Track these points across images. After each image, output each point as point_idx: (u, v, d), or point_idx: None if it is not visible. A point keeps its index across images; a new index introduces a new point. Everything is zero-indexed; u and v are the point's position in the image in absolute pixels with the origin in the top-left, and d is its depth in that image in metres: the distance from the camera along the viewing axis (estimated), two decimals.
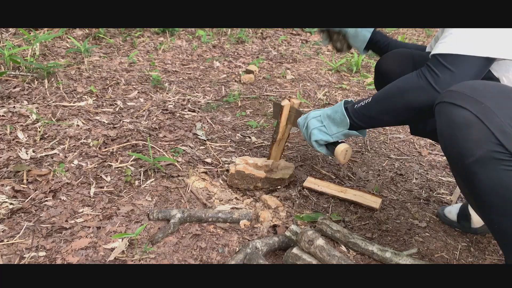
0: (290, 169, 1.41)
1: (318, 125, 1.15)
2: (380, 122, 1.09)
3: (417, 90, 0.96)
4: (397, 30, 3.66)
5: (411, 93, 0.98)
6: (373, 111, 1.06)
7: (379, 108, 1.05)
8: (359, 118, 1.08)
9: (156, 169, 1.41)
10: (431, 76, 0.94)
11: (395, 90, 1.02)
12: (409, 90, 0.98)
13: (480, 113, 0.79)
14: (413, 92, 0.97)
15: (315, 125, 1.15)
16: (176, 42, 2.82)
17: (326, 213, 1.30)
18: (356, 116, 1.08)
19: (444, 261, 1.15)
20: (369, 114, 1.06)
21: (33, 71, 2.05)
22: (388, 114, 1.04)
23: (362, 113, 1.07)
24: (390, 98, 1.03)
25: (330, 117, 1.13)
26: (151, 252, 1.07)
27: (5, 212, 1.15)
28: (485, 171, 0.80)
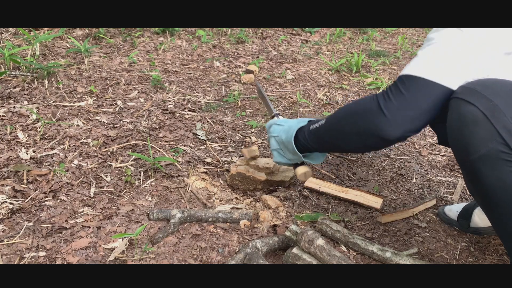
0: (291, 172, 1.41)
1: (276, 146, 1.14)
2: (334, 147, 1.02)
3: (366, 112, 0.89)
4: (397, 30, 3.66)
5: (360, 116, 0.90)
6: (325, 135, 0.99)
7: (331, 131, 0.98)
8: (313, 141, 1.02)
9: (156, 169, 1.41)
10: (383, 99, 0.86)
11: (347, 111, 0.95)
12: (359, 112, 0.91)
13: (488, 110, 0.78)
14: (362, 114, 0.89)
15: (274, 146, 1.14)
16: (176, 42, 2.82)
17: (326, 213, 1.30)
18: (311, 138, 1.03)
19: (444, 261, 1.15)
20: (322, 138, 1.00)
21: (33, 71, 2.05)
22: (339, 138, 0.97)
23: (315, 135, 1.01)
24: (340, 121, 0.96)
25: (284, 144, 1.10)
26: (151, 252, 1.07)
27: (5, 212, 1.15)
28: (489, 169, 0.80)
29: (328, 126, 0.99)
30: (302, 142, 1.06)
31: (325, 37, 3.30)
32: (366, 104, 0.89)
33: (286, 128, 1.10)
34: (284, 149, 1.11)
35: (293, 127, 1.08)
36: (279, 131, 1.12)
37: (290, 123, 1.12)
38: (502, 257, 1.17)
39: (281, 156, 1.14)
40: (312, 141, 1.03)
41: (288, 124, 1.12)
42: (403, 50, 3.13)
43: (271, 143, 1.16)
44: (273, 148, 1.15)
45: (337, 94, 2.26)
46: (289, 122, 1.13)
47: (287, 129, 1.10)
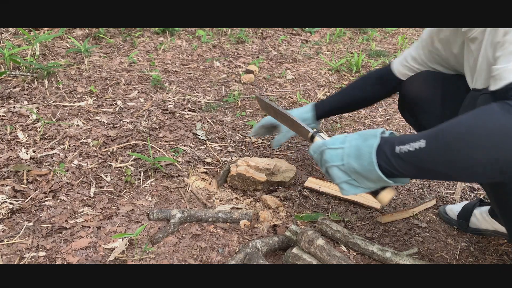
0: (292, 172, 1.41)
1: (345, 178, 0.89)
2: (438, 175, 0.77)
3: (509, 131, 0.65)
4: (397, 30, 3.66)
5: (500, 137, 0.66)
6: (429, 162, 0.75)
7: (441, 159, 0.73)
8: (405, 168, 0.79)
9: (156, 169, 1.41)
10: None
11: (468, 131, 0.69)
12: (494, 133, 0.67)
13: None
14: (504, 136, 0.66)
15: (341, 177, 0.90)
16: (176, 42, 2.82)
17: (326, 213, 1.30)
18: (400, 165, 0.79)
19: (444, 261, 1.15)
20: (421, 165, 0.76)
21: (33, 71, 2.05)
22: (457, 168, 0.72)
23: (409, 162, 0.77)
24: (459, 145, 0.70)
25: (360, 174, 0.86)
26: (151, 252, 1.07)
27: (5, 212, 1.15)
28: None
29: (435, 152, 0.73)
30: (385, 167, 0.82)
31: (325, 37, 3.30)
32: (500, 120, 0.67)
33: (353, 153, 0.86)
34: (359, 179, 0.87)
35: (364, 149, 0.84)
36: (341, 158, 0.89)
37: (353, 143, 0.88)
38: (502, 257, 1.17)
39: (355, 187, 0.89)
40: (402, 169, 0.79)
41: (350, 145, 0.88)
42: (403, 50, 3.13)
43: (333, 174, 0.91)
44: (340, 180, 0.90)
45: None
46: (348, 141, 0.89)
47: (355, 154, 0.86)
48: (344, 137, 0.91)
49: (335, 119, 1.97)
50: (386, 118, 2.05)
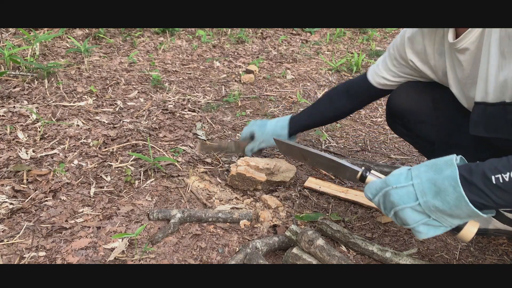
0: (291, 172, 1.41)
1: (422, 219, 0.78)
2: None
3: None
4: (397, 30, 3.66)
5: None
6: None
7: None
8: (506, 199, 0.70)
9: (156, 169, 1.41)
10: None
11: None
12: None
13: None
14: None
15: (418, 219, 0.78)
16: (176, 42, 2.82)
17: (326, 213, 1.30)
18: (500, 196, 0.70)
19: (444, 261, 1.15)
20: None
21: (33, 71, 2.05)
22: None
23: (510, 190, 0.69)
24: None
25: (443, 211, 0.76)
26: (151, 252, 1.07)
27: (5, 212, 1.15)
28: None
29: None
30: (478, 201, 0.73)
31: (325, 37, 3.30)
32: None
33: (429, 188, 0.76)
34: (442, 217, 0.77)
35: (444, 183, 0.74)
36: (414, 197, 0.78)
37: (423, 177, 0.77)
38: (502, 257, 1.17)
39: (435, 228, 0.79)
40: (502, 199, 0.71)
41: (422, 181, 0.77)
42: None
43: (407, 217, 0.79)
44: (416, 223, 0.79)
45: None
46: (417, 176, 0.78)
47: (433, 190, 0.75)
48: (408, 172, 0.80)
49: None
50: None
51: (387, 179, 0.82)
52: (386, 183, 0.81)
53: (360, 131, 1.89)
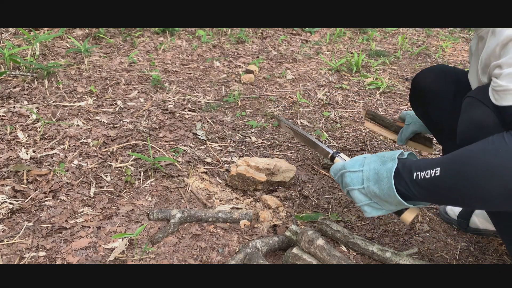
0: (291, 172, 1.41)
1: (366, 201, 0.90)
2: (454, 202, 0.80)
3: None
4: (397, 30, 3.66)
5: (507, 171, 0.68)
6: (443, 190, 0.76)
7: (454, 187, 0.74)
8: (423, 194, 0.81)
9: (156, 169, 1.41)
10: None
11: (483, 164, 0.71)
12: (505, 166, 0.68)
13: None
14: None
15: (362, 200, 0.91)
16: (176, 42, 2.82)
17: (326, 213, 1.30)
18: (418, 191, 0.80)
19: (444, 261, 1.15)
20: (437, 192, 0.78)
21: (33, 71, 2.05)
22: (468, 196, 0.73)
23: (426, 188, 0.79)
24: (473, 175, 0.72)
25: (379, 197, 0.87)
26: (151, 252, 1.07)
27: (5, 212, 1.15)
28: None
29: (449, 181, 0.74)
30: (404, 192, 0.83)
31: (325, 37, 3.30)
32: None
33: (372, 176, 0.87)
34: (380, 202, 0.88)
35: (383, 174, 0.85)
36: (361, 181, 0.90)
37: (371, 166, 0.88)
38: (502, 257, 1.17)
39: (376, 209, 0.91)
40: (420, 194, 0.81)
41: (369, 169, 0.88)
42: (403, 50, 3.13)
43: (354, 197, 0.92)
44: (361, 203, 0.91)
45: (337, 94, 2.26)
46: (367, 164, 0.90)
47: (375, 178, 0.86)
48: (363, 159, 0.91)
49: (335, 119, 1.96)
50: None
51: (346, 163, 0.94)
52: (344, 166, 0.93)
53: (360, 131, 1.89)
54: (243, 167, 1.35)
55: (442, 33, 3.67)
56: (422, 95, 1.22)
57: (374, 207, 0.90)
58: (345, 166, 0.93)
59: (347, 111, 2.07)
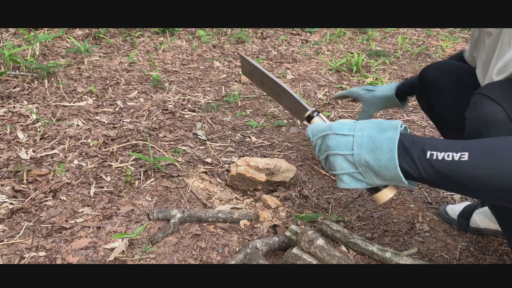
0: (291, 172, 1.41)
1: (349, 169, 0.78)
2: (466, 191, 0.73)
3: None
4: (397, 30, 3.66)
5: None
6: (467, 178, 0.68)
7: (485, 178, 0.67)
8: (432, 176, 0.71)
9: (156, 169, 1.41)
10: None
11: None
12: None
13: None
14: None
15: (345, 169, 0.78)
16: (176, 42, 2.82)
17: (326, 213, 1.30)
18: (428, 171, 0.71)
19: (444, 261, 1.15)
20: (455, 178, 0.69)
21: (33, 71, 2.05)
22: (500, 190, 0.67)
23: (442, 171, 0.69)
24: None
25: (371, 167, 0.76)
26: (151, 252, 1.07)
27: (5, 212, 1.15)
28: None
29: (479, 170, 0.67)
30: (405, 168, 0.73)
31: (325, 37, 3.30)
32: None
33: (367, 144, 0.76)
34: (367, 173, 0.77)
35: (383, 143, 0.74)
36: (350, 147, 0.77)
37: (365, 132, 0.77)
38: (502, 257, 1.17)
39: (356, 181, 0.79)
40: (428, 175, 0.71)
41: (363, 135, 0.77)
42: (403, 50, 3.13)
43: (335, 164, 0.79)
44: (341, 172, 0.79)
45: None
46: (360, 129, 0.78)
47: (370, 146, 0.75)
48: (354, 124, 0.80)
49: (335, 119, 1.96)
50: (386, 118, 2.05)
51: (331, 124, 0.82)
52: (330, 128, 0.81)
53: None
54: (243, 167, 1.35)
55: (442, 33, 3.67)
56: (426, 88, 1.23)
57: (355, 177, 0.78)
58: (332, 128, 0.80)
59: (347, 111, 2.07)
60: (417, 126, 1.98)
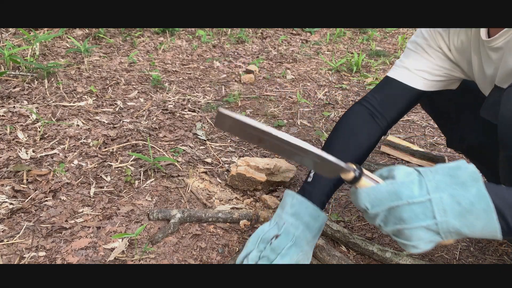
0: (291, 172, 1.41)
1: (433, 238, 0.63)
2: None
3: None
4: (397, 30, 3.66)
5: None
6: None
7: None
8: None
9: (156, 169, 1.41)
10: None
11: None
12: None
13: None
14: None
15: (425, 238, 0.63)
16: (176, 42, 2.82)
17: (326, 213, 1.30)
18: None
19: (444, 261, 1.15)
20: None
21: (33, 71, 2.05)
22: None
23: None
24: None
25: (461, 233, 0.62)
26: (151, 252, 1.07)
27: (5, 212, 1.15)
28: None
29: None
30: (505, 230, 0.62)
31: (325, 37, 3.30)
32: None
33: (451, 207, 0.61)
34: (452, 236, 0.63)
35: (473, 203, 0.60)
36: (429, 215, 0.61)
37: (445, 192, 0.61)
38: (502, 257, 1.17)
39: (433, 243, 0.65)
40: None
41: (442, 196, 0.61)
42: (403, 50, 3.13)
43: (411, 236, 0.63)
44: (418, 241, 0.63)
45: (337, 94, 2.26)
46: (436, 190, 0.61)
47: (457, 210, 0.60)
48: (420, 178, 0.62)
49: (335, 119, 1.96)
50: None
51: (397, 190, 0.62)
52: (396, 196, 0.62)
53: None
54: (243, 167, 1.35)
55: None
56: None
57: (434, 242, 0.64)
58: (400, 195, 0.61)
59: None
60: (417, 126, 1.98)
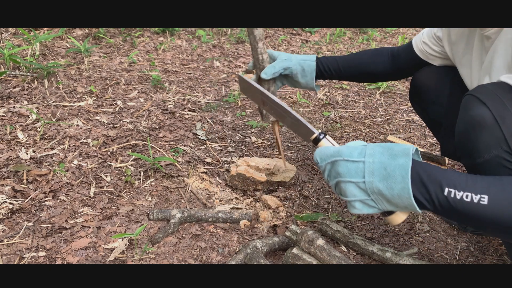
0: (292, 172, 1.41)
1: (361, 196, 0.76)
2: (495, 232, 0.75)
3: None
4: (397, 30, 3.66)
5: None
6: (485, 221, 0.68)
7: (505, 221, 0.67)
8: (448, 212, 0.71)
9: (156, 169, 1.41)
10: None
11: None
12: None
13: (499, 114, 0.74)
14: None
15: (357, 196, 0.76)
16: (176, 42, 2.82)
17: (326, 213, 1.30)
18: (444, 207, 0.70)
19: (444, 261, 1.15)
20: (475, 219, 0.69)
21: (33, 71, 2.04)
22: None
23: (460, 210, 0.69)
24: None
25: (384, 195, 0.74)
26: (151, 252, 1.07)
27: (5, 212, 1.15)
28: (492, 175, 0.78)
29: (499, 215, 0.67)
30: (421, 201, 0.72)
31: (325, 37, 3.30)
32: None
33: (379, 171, 0.73)
34: (380, 200, 0.75)
35: (395, 171, 0.72)
36: (361, 174, 0.75)
37: (376, 158, 0.74)
38: (502, 257, 1.17)
39: (368, 207, 0.77)
40: (444, 210, 0.71)
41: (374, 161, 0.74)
42: None
43: (347, 191, 0.77)
44: (354, 198, 0.76)
45: (337, 94, 2.26)
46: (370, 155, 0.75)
47: (382, 174, 0.73)
48: (363, 148, 0.77)
49: (335, 119, 1.96)
50: (386, 118, 2.05)
51: (340, 149, 0.78)
52: (338, 153, 0.77)
53: (360, 131, 1.89)
54: (243, 167, 1.35)
55: None
56: (419, 92, 1.24)
57: (367, 204, 0.76)
58: (341, 153, 0.77)
59: (347, 111, 2.07)
60: (417, 126, 1.98)
